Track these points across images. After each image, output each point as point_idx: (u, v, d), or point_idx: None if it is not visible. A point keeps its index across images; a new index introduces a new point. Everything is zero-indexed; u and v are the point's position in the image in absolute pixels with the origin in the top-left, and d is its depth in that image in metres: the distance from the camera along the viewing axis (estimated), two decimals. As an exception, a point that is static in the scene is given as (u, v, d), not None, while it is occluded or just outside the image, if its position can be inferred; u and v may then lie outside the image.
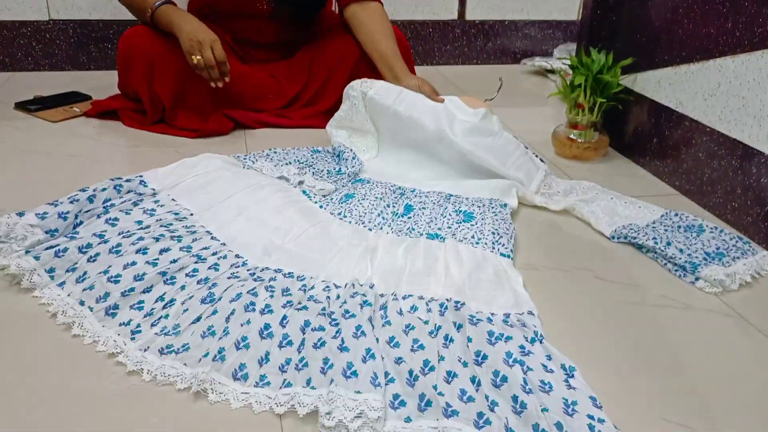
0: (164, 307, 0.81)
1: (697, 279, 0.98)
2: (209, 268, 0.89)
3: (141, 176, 1.09)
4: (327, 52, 1.62)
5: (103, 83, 1.81)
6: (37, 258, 0.86)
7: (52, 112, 1.54)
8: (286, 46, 1.69)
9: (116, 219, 0.95)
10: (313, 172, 1.20)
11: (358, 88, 1.35)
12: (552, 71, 2.12)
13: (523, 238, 1.09)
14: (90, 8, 1.89)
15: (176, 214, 1.00)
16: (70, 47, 1.92)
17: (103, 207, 1.00)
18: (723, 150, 1.18)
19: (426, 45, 2.19)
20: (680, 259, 1.00)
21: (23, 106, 1.57)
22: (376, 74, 1.52)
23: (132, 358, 0.73)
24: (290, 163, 1.24)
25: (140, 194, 1.05)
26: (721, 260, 1.00)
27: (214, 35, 1.40)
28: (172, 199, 1.02)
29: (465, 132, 1.28)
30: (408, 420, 0.67)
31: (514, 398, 0.68)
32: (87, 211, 0.98)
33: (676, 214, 1.14)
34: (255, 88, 1.58)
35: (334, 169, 1.24)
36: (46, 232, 0.91)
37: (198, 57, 1.38)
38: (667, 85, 1.32)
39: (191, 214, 1.01)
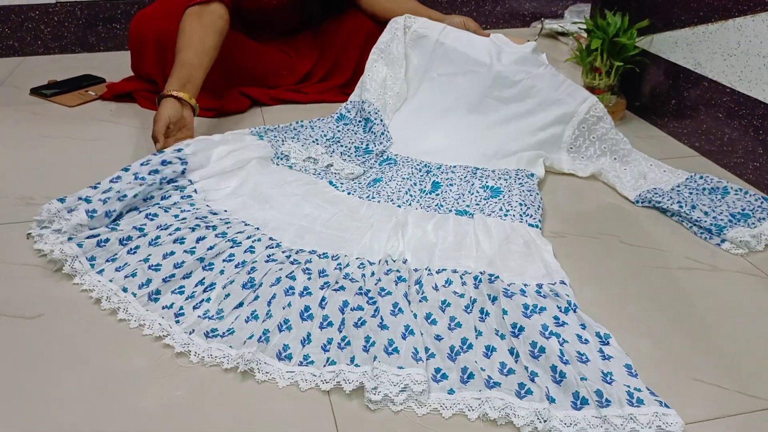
0: (205, 291, 0.83)
1: (723, 241, 0.99)
2: (245, 251, 0.91)
3: (184, 160, 1.09)
4: (338, 26, 1.62)
5: (114, 64, 1.81)
6: (80, 245, 0.88)
7: (68, 97, 1.55)
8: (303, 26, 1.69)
9: (155, 215, 0.97)
10: (341, 152, 1.20)
11: (401, 21, 1.38)
12: (563, 33, 2.11)
13: (549, 205, 1.10)
14: (96, -12, 1.88)
15: (210, 210, 1.02)
16: (79, 29, 1.92)
17: (143, 199, 1.02)
18: (743, 110, 1.18)
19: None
20: (705, 222, 1.01)
21: (38, 91, 1.57)
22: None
23: (179, 341, 0.76)
24: (317, 140, 1.24)
25: (177, 185, 1.06)
26: (747, 221, 1.01)
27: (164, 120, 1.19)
28: (207, 205, 1.03)
29: (515, 61, 1.30)
30: (451, 392, 0.69)
31: (553, 368, 0.70)
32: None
33: (701, 177, 1.14)
34: (268, 65, 1.58)
35: (362, 144, 1.24)
36: (91, 229, 0.93)
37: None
38: (685, 46, 1.32)
39: (225, 211, 1.02)
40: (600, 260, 0.95)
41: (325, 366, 0.72)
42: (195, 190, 1.06)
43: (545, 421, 0.65)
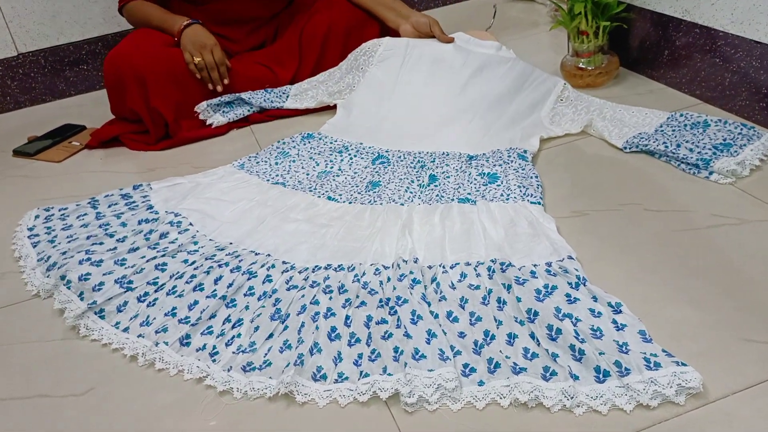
0: (233, 327, 0.92)
1: (711, 173, 1.09)
2: (263, 282, 0.99)
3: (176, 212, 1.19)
4: (313, 28, 1.67)
5: (89, 107, 1.89)
6: (102, 317, 0.98)
7: (53, 152, 1.59)
8: (269, 26, 1.74)
9: (165, 264, 1.06)
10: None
11: (366, 56, 1.53)
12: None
13: (565, 182, 1.17)
14: (57, 34, 1.93)
15: (216, 246, 1.10)
16: (46, 77, 1.97)
17: (144, 237, 1.12)
18: (740, 52, 1.22)
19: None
20: (691, 158, 1.11)
21: (22, 151, 1.62)
22: (367, 39, 1.59)
23: (218, 380, 0.84)
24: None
25: (171, 221, 1.16)
26: (729, 150, 1.11)
27: (214, 39, 1.55)
28: (210, 240, 1.11)
29: (483, 63, 1.43)
30: (481, 383, 0.78)
31: (572, 347, 0.79)
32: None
33: (681, 115, 1.25)
34: (250, 83, 1.63)
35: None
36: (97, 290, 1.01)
37: (198, 59, 1.52)
38: (670, -5, 1.35)
39: (230, 243, 1.10)
40: (628, 232, 1.01)
41: (359, 379, 0.80)
42: (191, 224, 1.15)
43: (572, 397, 0.73)
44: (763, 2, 1.15)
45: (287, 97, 1.59)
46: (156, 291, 1.00)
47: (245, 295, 0.96)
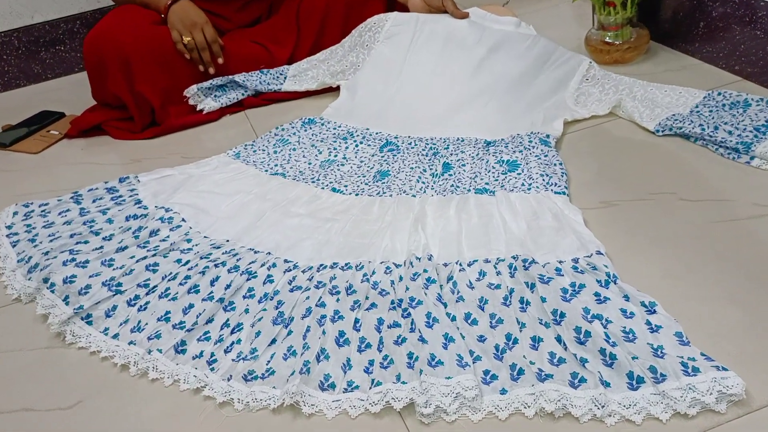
0: (232, 333, 0.92)
1: (752, 158, 1.09)
2: (264, 282, 0.99)
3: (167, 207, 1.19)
4: (312, 2, 1.67)
5: (68, 91, 1.89)
6: (90, 323, 0.98)
7: (30, 143, 1.61)
8: (263, 1, 1.75)
9: (156, 264, 1.06)
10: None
11: (372, 32, 1.53)
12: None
13: (591, 170, 1.16)
14: (31, 11, 1.93)
15: (212, 244, 1.10)
16: (20, 60, 1.98)
17: (133, 235, 1.12)
18: (783, 23, 1.22)
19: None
20: (731, 141, 1.10)
21: (-4, 142, 1.61)
22: (371, 13, 1.59)
23: (218, 390, 0.84)
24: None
25: (162, 217, 1.16)
26: None
27: (205, 16, 1.54)
28: (204, 237, 1.12)
29: (500, 41, 1.42)
30: (503, 392, 0.78)
31: (602, 351, 0.79)
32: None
33: (719, 93, 1.24)
34: (244, 63, 1.63)
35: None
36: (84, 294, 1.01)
37: (188, 38, 1.51)
38: (705, -40, 1.35)
39: (227, 241, 1.10)
40: (661, 224, 1.01)
41: (371, 388, 0.80)
42: (183, 219, 1.15)
43: (603, 406, 0.73)
44: (808, -32, 1.15)
45: (285, 78, 1.59)
46: (147, 294, 1.00)
47: (245, 297, 0.97)
